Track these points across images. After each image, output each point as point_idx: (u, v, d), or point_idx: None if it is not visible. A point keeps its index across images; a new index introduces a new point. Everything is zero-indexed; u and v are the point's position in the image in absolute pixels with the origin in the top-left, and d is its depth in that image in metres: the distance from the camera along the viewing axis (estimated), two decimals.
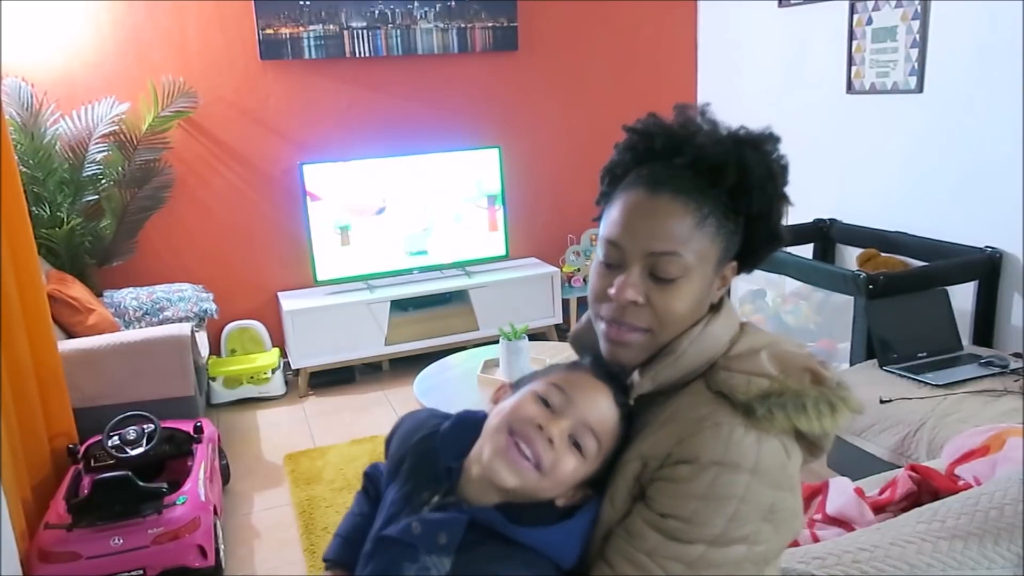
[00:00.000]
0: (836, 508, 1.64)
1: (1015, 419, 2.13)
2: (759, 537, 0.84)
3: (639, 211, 0.89)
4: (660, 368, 0.91)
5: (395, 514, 0.93)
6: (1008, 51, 2.79)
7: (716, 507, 0.82)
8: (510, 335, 2.72)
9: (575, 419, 0.89)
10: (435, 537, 0.87)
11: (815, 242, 3.71)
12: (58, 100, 3.45)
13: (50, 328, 2.64)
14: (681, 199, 0.88)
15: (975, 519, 1.23)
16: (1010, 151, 2.83)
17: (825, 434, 0.87)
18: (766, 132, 0.94)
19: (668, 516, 0.84)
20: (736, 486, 0.82)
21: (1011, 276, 2.91)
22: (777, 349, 0.91)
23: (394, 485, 0.97)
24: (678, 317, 0.90)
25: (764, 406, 0.84)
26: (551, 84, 4.28)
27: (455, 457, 0.94)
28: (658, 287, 0.89)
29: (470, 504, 0.89)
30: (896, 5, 3.20)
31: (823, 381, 0.88)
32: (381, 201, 3.88)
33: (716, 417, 0.85)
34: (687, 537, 0.82)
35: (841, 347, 3.13)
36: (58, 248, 3.34)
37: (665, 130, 0.93)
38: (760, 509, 0.83)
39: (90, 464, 2.51)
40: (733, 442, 0.83)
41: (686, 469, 0.83)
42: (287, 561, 2.50)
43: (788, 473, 0.86)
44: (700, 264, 0.89)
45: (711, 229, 0.89)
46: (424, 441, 0.98)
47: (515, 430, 0.88)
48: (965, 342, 2.84)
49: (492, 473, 0.88)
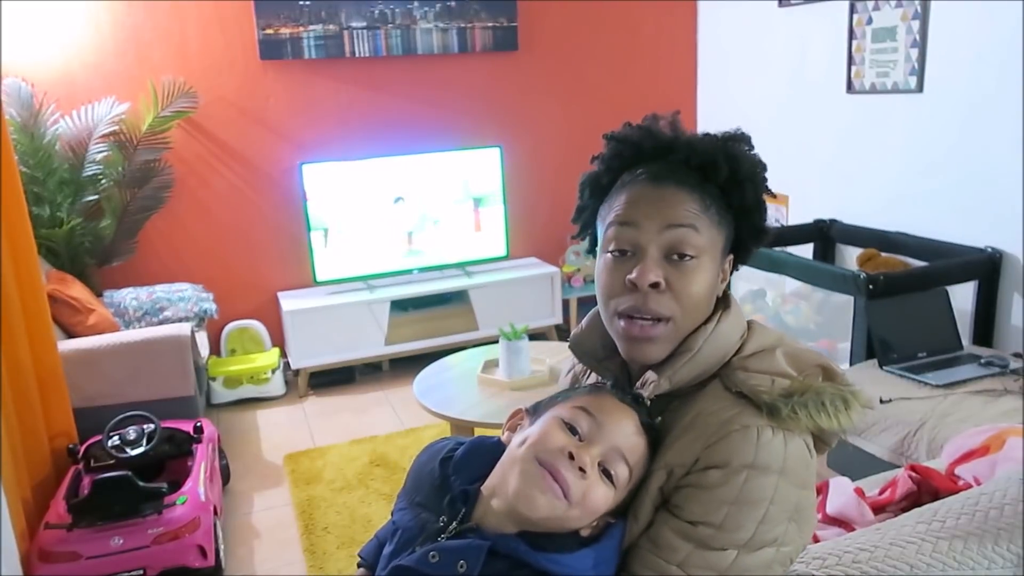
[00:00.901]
0: (836, 508, 1.64)
1: (1015, 419, 2.13)
2: (786, 538, 0.84)
3: (647, 198, 0.90)
4: (677, 367, 0.90)
5: (409, 540, 0.89)
6: (1008, 51, 2.79)
7: (748, 511, 0.82)
8: (510, 335, 2.72)
9: (605, 446, 0.86)
10: (454, 566, 0.82)
11: (815, 242, 3.71)
12: (58, 100, 3.45)
13: (50, 328, 2.64)
14: (685, 189, 0.90)
15: (975, 519, 1.23)
16: (1010, 151, 2.83)
17: (842, 430, 0.87)
18: (739, 132, 0.96)
19: (699, 523, 0.82)
20: (767, 488, 0.82)
21: (1011, 276, 2.91)
22: (789, 347, 0.92)
23: (407, 511, 0.93)
24: (697, 301, 0.90)
25: (788, 406, 0.84)
26: (551, 84, 4.28)
27: (469, 482, 0.90)
28: (676, 270, 0.89)
29: (489, 532, 0.85)
30: (896, 5, 3.20)
31: (834, 377, 0.89)
32: (384, 200, 3.89)
33: (743, 420, 0.84)
34: (719, 544, 0.82)
35: (841, 347, 3.13)
36: (58, 248, 3.34)
37: (651, 134, 0.95)
38: (788, 510, 0.84)
39: (90, 464, 2.51)
40: (762, 444, 0.83)
41: (717, 474, 0.82)
42: (287, 561, 2.50)
43: (811, 472, 0.87)
44: (711, 248, 0.90)
45: (715, 218, 0.91)
46: (439, 467, 0.94)
47: (544, 460, 0.84)
48: (965, 342, 2.84)
49: (522, 504, 0.83)
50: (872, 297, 2.69)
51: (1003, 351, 2.81)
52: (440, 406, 2.61)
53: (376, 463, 3.07)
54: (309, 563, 2.47)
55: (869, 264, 3.26)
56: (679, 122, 0.96)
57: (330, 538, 2.58)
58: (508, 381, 2.70)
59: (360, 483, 2.93)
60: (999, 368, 2.55)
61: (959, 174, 3.06)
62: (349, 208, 3.85)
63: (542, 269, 4.19)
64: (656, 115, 0.97)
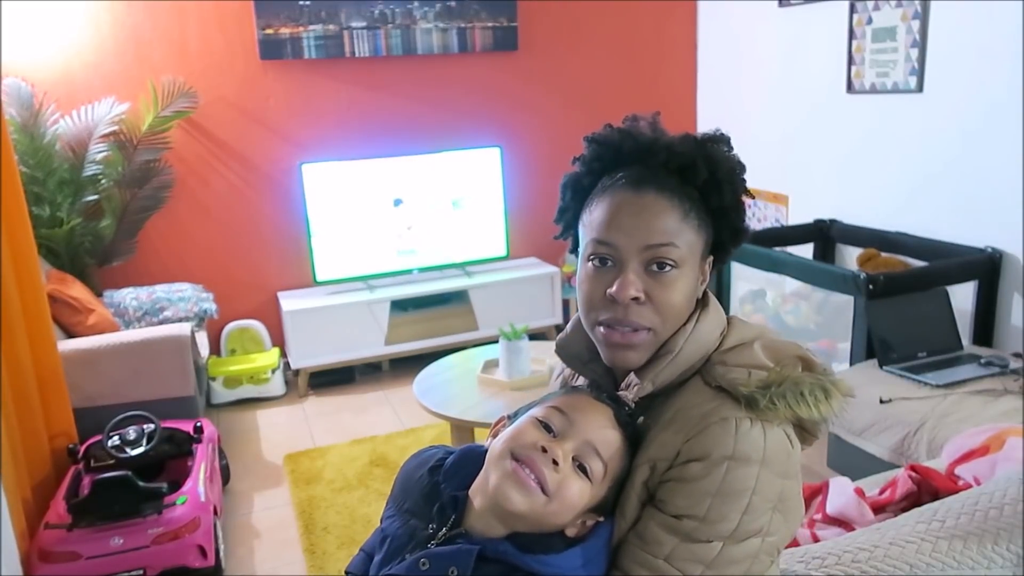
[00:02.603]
0: (836, 508, 1.64)
1: (1015, 419, 2.13)
2: (771, 528, 0.85)
3: (628, 210, 0.90)
4: (659, 369, 0.91)
5: (399, 548, 0.89)
6: (1008, 51, 2.79)
7: (731, 502, 0.83)
8: (510, 335, 2.72)
9: (578, 440, 0.88)
10: (445, 572, 0.83)
11: (815, 242, 3.71)
12: (58, 100, 3.45)
13: (50, 328, 2.64)
14: (665, 195, 0.90)
15: (975, 519, 1.23)
16: (1010, 151, 2.83)
17: (823, 419, 0.88)
18: (718, 133, 0.97)
19: (683, 516, 0.84)
20: (748, 479, 0.83)
21: (1011, 276, 2.91)
22: (767, 340, 0.93)
23: (396, 518, 0.94)
24: (677, 311, 0.91)
25: (766, 397, 0.85)
26: (551, 84, 4.28)
27: (459, 489, 0.91)
28: (656, 281, 0.90)
29: (478, 538, 0.86)
30: (896, 5, 3.20)
31: (813, 367, 0.90)
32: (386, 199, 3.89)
33: (722, 412, 0.85)
34: (704, 536, 0.83)
35: (841, 347, 3.13)
36: (58, 248, 3.34)
37: (631, 136, 0.96)
38: (771, 499, 0.85)
39: (90, 464, 2.51)
40: (741, 435, 0.84)
41: (697, 467, 0.84)
42: (287, 561, 2.50)
43: (793, 461, 0.88)
44: (690, 256, 0.91)
45: (695, 222, 0.92)
46: (427, 475, 0.94)
47: (518, 455, 0.86)
48: (965, 342, 2.84)
49: (499, 498, 0.85)
50: (872, 297, 2.70)
51: (1003, 351, 2.81)
52: (440, 406, 2.61)
53: (376, 463, 3.07)
54: (309, 563, 2.47)
55: (869, 264, 3.26)
56: (659, 122, 0.97)
57: (330, 538, 2.58)
58: (508, 381, 2.70)
59: (360, 483, 2.93)
60: (999, 368, 2.55)
61: (959, 174, 3.06)
62: (349, 208, 3.85)
63: (542, 269, 4.19)
64: (636, 116, 0.98)
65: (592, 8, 4.25)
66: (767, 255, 3.24)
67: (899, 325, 2.72)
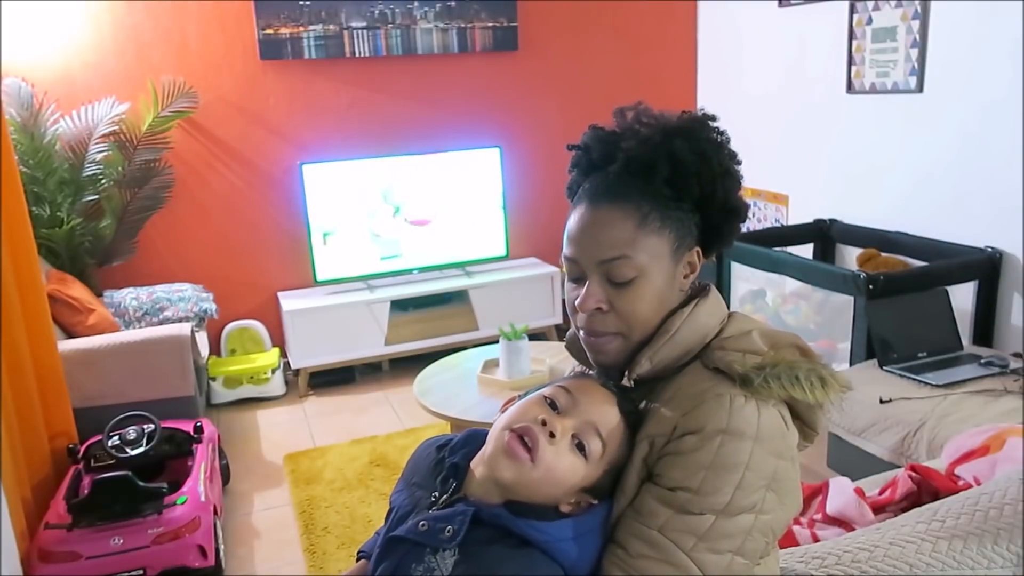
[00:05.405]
0: (836, 508, 1.64)
1: (1015, 419, 2.13)
2: (765, 506, 0.86)
3: (583, 224, 0.95)
4: (656, 348, 0.94)
5: (403, 516, 0.93)
6: (1008, 51, 2.79)
7: (724, 475, 0.84)
8: (510, 335, 2.72)
9: (580, 419, 0.90)
10: (441, 531, 0.87)
11: (815, 242, 3.71)
12: (58, 100, 3.45)
13: (50, 328, 2.64)
14: (619, 205, 0.93)
15: (975, 519, 1.23)
16: (1010, 151, 2.83)
17: (818, 404, 0.90)
18: (698, 114, 0.99)
19: (677, 489, 0.85)
20: (741, 453, 0.85)
21: (1011, 276, 2.91)
22: (766, 329, 0.96)
23: (403, 492, 0.98)
24: (643, 317, 0.94)
25: (760, 376, 0.87)
26: (551, 84, 4.28)
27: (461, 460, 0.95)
28: (617, 291, 0.94)
29: (476, 503, 0.90)
30: (896, 5, 3.20)
31: (810, 356, 0.93)
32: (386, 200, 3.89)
33: (717, 389, 0.88)
34: (697, 508, 0.84)
35: (841, 347, 3.13)
36: (58, 248, 3.34)
37: (599, 140, 0.99)
38: (764, 477, 0.86)
39: (90, 464, 2.51)
40: (735, 410, 0.86)
41: (692, 440, 0.86)
42: (287, 561, 2.50)
43: (788, 443, 0.90)
44: (653, 261, 0.93)
45: (655, 225, 0.93)
46: (435, 452, 0.99)
47: (517, 427, 0.89)
48: (965, 342, 2.84)
49: (493, 466, 0.89)
50: (872, 297, 2.70)
51: (1003, 351, 2.81)
52: (440, 406, 2.61)
53: (376, 463, 3.07)
54: (309, 563, 2.47)
55: (869, 264, 3.26)
56: (642, 114, 0.98)
57: (330, 538, 2.58)
58: (508, 381, 2.70)
59: (360, 483, 2.93)
60: (999, 368, 2.55)
61: (959, 174, 3.06)
62: (349, 208, 3.85)
63: (542, 269, 4.20)
64: (622, 109, 1.00)
65: (592, 8, 4.25)
66: (767, 255, 3.24)
67: (899, 325, 2.72)
